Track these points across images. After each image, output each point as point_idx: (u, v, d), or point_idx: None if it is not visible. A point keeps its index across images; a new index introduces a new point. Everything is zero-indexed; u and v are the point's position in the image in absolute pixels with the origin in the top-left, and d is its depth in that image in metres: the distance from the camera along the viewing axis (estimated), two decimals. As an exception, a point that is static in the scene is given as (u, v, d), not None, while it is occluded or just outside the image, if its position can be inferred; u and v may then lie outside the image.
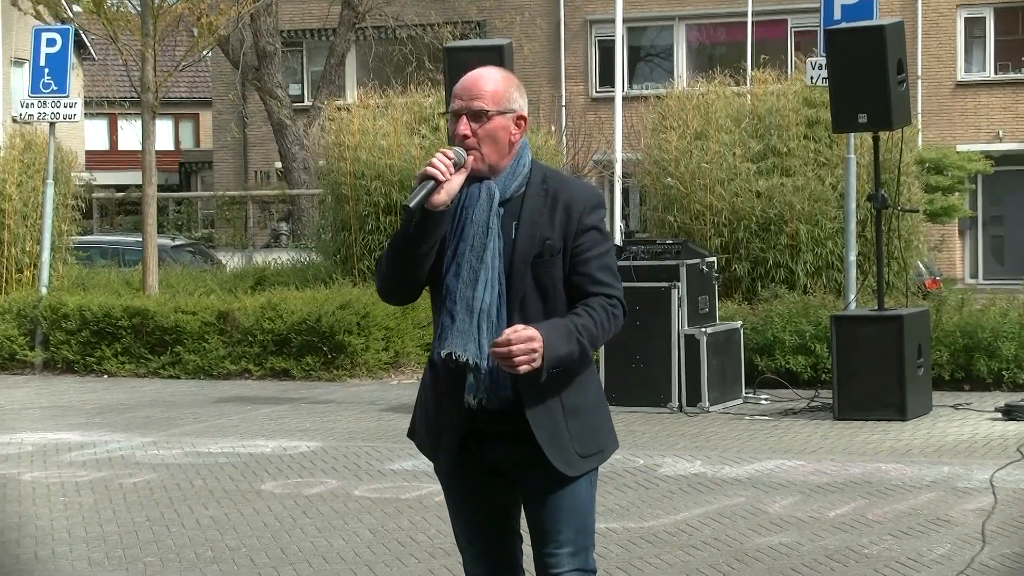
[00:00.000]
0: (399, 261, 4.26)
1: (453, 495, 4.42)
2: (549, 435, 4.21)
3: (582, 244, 4.23)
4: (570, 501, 4.28)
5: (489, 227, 4.21)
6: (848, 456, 10.10)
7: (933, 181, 27.01)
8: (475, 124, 4.23)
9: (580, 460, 4.26)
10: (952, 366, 13.16)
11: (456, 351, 4.19)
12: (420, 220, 4.19)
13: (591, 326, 4.19)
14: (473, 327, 4.19)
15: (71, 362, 16.00)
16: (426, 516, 8.31)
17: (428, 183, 4.17)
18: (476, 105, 4.23)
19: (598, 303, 4.22)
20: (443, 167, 4.17)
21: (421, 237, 4.20)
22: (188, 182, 47.09)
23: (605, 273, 4.25)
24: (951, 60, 33.14)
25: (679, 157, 16.49)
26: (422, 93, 19.21)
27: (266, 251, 28.53)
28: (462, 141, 4.24)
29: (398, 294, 4.35)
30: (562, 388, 4.23)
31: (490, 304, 4.19)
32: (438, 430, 4.33)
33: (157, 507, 8.76)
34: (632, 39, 34.87)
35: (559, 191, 4.26)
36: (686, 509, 8.42)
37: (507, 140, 4.26)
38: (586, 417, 4.29)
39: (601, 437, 4.34)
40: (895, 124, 11.71)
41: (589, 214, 4.25)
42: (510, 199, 4.26)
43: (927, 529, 7.82)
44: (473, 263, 4.20)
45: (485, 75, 4.28)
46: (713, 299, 12.70)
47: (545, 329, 4.11)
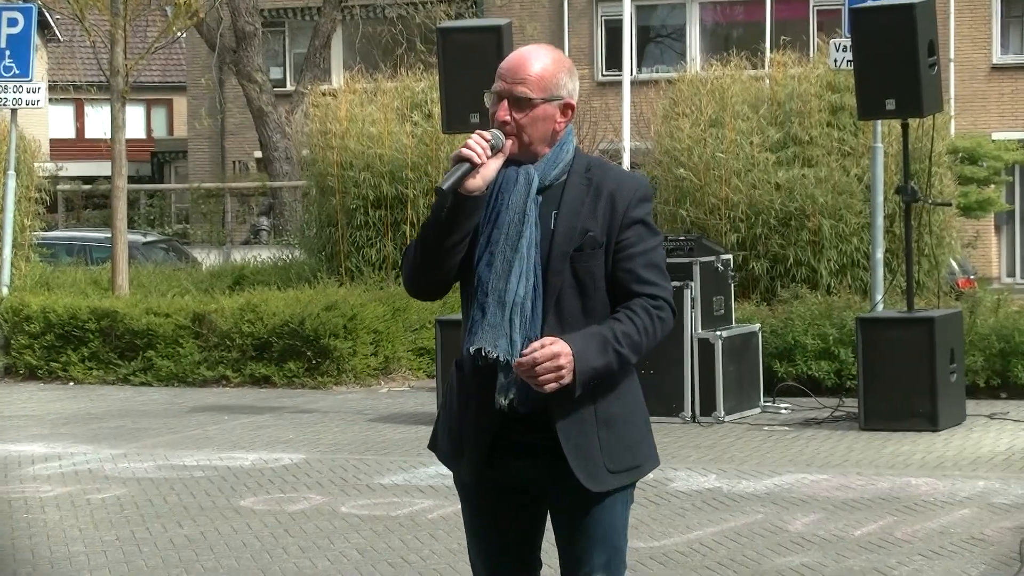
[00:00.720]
0: (428, 250, 4.21)
1: (472, 511, 4.38)
2: (577, 446, 4.17)
3: (627, 239, 4.19)
4: (602, 523, 4.23)
5: (526, 214, 4.17)
6: (875, 470, 10.10)
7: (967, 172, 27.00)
8: (516, 111, 4.19)
9: (609, 475, 4.20)
10: (988, 372, 13.17)
11: (486, 347, 4.16)
12: (453, 206, 4.15)
13: (632, 332, 4.15)
14: (505, 321, 4.15)
15: (34, 368, 16.00)
16: (419, 535, 8.30)
17: (463, 165, 4.13)
18: (519, 91, 4.18)
19: (641, 305, 4.17)
20: (479, 149, 4.13)
21: (453, 225, 4.16)
22: (161, 173, 47.12)
23: (651, 271, 4.21)
24: (986, 41, 33.14)
25: (692, 146, 16.49)
26: (414, 77, 19.22)
27: (245, 248, 28.55)
28: (501, 127, 4.21)
29: (427, 287, 4.31)
30: (597, 396, 4.18)
31: (524, 297, 4.15)
32: (461, 436, 4.28)
33: (128, 525, 8.75)
34: (641, 18, 34.88)
35: (604, 181, 4.22)
36: (700, 527, 8.42)
37: (551, 129, 4.23)
38: (621, 429, 4.24)
39: (638, 452, 4.29)
40: (926, 110, 11.71)
41: (636, 207, 4.21)
42: (550, 187, 4.22)
43: (960, 549, 7.81)
44: (507, 252, 4.16)
45: (533, 56, 4.22)
46: (729, 300, 12.70)
47: (577, 341, 4.07)
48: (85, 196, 36.29)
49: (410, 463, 10.45)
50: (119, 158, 17.52)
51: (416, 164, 17.81)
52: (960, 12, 33.02)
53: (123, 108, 17.65)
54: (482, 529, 4.38)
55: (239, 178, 37.12)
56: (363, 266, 17.83)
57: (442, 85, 12.24)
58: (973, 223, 29.17)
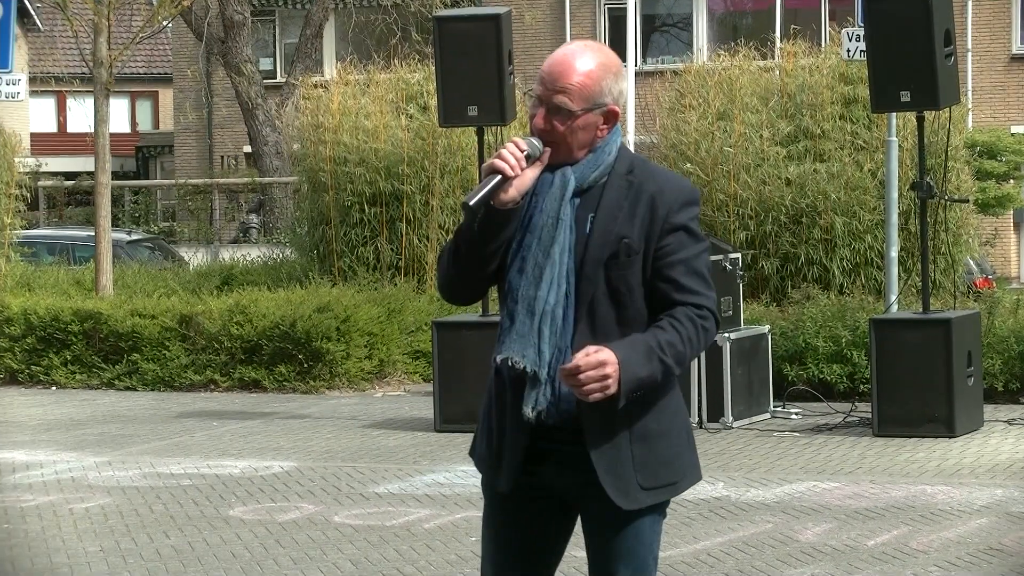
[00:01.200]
0: (463, 260, 4.20)
1: (497, 517, 4.36)
2: (608, 461, 4.15)
3: (667, 245, 4.15)
4: (630, 540, 4.23)
5: (560, 218, 4.14)
6: (889, 477, 10.11)
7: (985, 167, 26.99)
8: (557, 120, 4.15)
9: (642, 492, 4.18)
10: (1006, 376, 13.18)
11: (513, 356, 4.15)
12: (485, 218, 4.12)
13: (677, 342, 4.11)
14: (533, 331, 4.14)
15: (15, 372, 16.00)
16: (415, 545, 8.32)
17: (494, 177, 4.10)
18: (559, 100, 4.13)
19: (685, 314, 4.13)
20: (513, 161, 4.10)
21: (486, 237, 4.15)
22: (146, 169, 47.12)
23: (694, 279, 4.16)
24: (1005, 31, 33.14)
25: (699, 140, 16.51)
26: (409, 68, 19.23)
27: (234, 247, 28.57)
28: (539, 134, 4.17)
29: (463, 293, 4.33)
30: (632, 410, 4.15)
31: (554, 305, 4.13)
32: (501, 444, 4.27)
33: (113, 535, 8.76)
34: (646, 7, 34.86)
35: (645, 183, 4.18)
36: (707, 537, 8.44)
37: (592, 136, 4.19)
38: (658, 444, 4.21)
39: (674, 468, 4.25)
40: (942, 103, 11.72)
41: (678, 211, 4.16)
42: (588, 190, 4.19)
43: (978, 559, 7.83)
44: (539, 258, 4.15)
45: (577, 60, 4.15)
46: (737, 300, 12.71)
47: (622, 349, 4.05)
48: (67, 193, 36.31)
49: (406, 471, 10.46)
50: (102, 153, 17.53)
51: (412, 159, 17.82)
52: (978, 0, 33.01)
53: (107, 101, 17.66)
54: (503, 535, 4.35)
55: (227, 174, 37.12)
56: (357, 266, 17.84)
57: (439, 76, 12.25)
58: (991, 220, 29.17)
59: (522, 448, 4.23)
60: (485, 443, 4.35)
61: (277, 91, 31.77)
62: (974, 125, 28.93)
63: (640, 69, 26.43)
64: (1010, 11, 33.15)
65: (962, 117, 18.20)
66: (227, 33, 29.80)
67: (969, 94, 30.00)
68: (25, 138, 26.08)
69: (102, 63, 17.42)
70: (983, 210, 25.15)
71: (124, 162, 46.00)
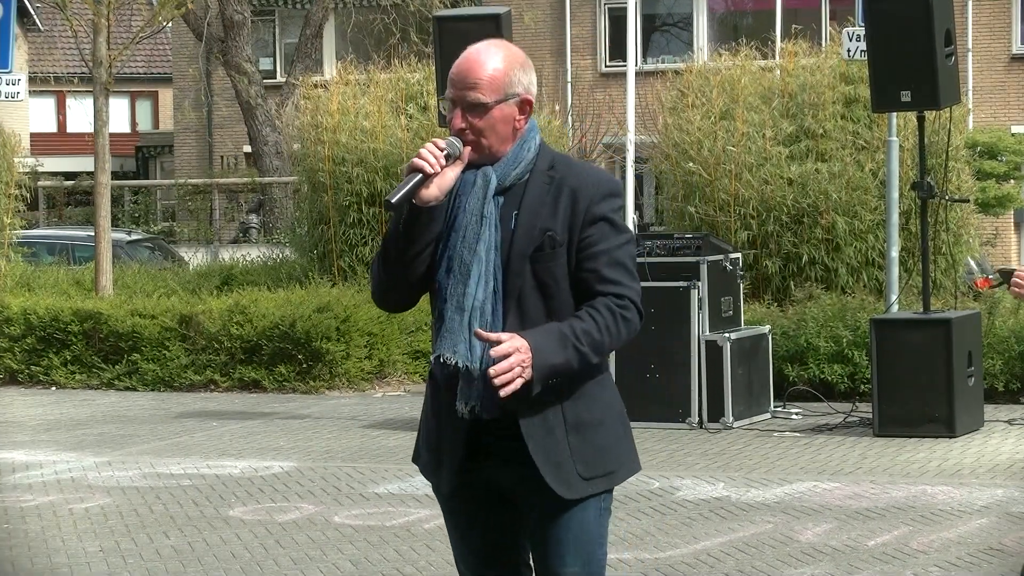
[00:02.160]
0: (390, 262, 4.29)
1: (454, 519, 4.45)
2: (546, 452, 4.23)
3: (589, 236, 4.24)
4: (576, 530, 4.28)
5: (483, 216, 4.23)
6: (890, 478, 10.11)
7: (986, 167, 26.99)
8: (473, 116, 4.24)
9: (582, 482, 4.25)
10: (1007, 376, 13.18)
11: (445, 353, 4.23)
12: (409, 217, 4.22)
13: (593, 331, 4.19)
14: (464, 326, 4.22)
15: (15, 372, 16.00)
16: (414, 545, 8.32)
17: (415, 176, 4.20)
18: (472, 97, 4.23)
19: (604, 304, 4.22)
20: (432, 159, 4.20)
21: (411, 236, 4.24)
22: (146, 168, 47.14)
23: (615, 270, 4.25)
24: (1005, 30, 33.14)
25: (702, 139, 16.50)
26: (408, 68, 19.23)
27: (234, 247, 28.59)
28: (458, 134, 4.26)
29: (392, 298, 4.40)
30: (564, 400, 4.24)
31: (483, 301, 4.22)
32: (439, 446, 4.36)
33: (112, 535, 8.77)
34: (646, 6, 34.85)
35: (566, 177, 4.27)
36: (707, 537, 8.44)
37: (510, 129, 4.28)
38: (592, 434, 4.29)
39: (611, 457, 4.33)
40: (943, 102, 11.72)
41: (599, 202, 4.25)
42: (511, 187, 4.28)
43: (978, 560, 7.83)
44: (465, 256, 4.23)
45: (482, 57, 4.26)
46: (738, 300, 12.72)
47: (535, 336, 4.13)
48: (67, 193, 36.31)
49: (405, 471, 10.47)
50: (102, 153, 17.54)
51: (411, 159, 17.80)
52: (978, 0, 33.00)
53: (106, 101, 17.66)
54: (466, 538, 4.44)
55: (227, 174, 37.13)
56: (356, 265, 17.85)
57: (438, 76, 12.26)
58: (992, 220, 29.15)
59: (461, 446, 4.29)
60: (425, 445, 4.44)
61: (277, 91, 31.77)
62: (974, 125, 28.93)
63: (640, 68, 26.42)
64: (1010, 11, 33.14)
65: (962, 117, 18.20)
66: (227, 33, 29.80)
67: (969, 94, 29.99)
68: (25, 138, 26.09)
69: (102, 63, 17.43)
70: (983, 210, 25.14)
71: (124, 162, 46.01)
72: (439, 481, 4.40)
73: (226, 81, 32.35)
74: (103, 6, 17.42)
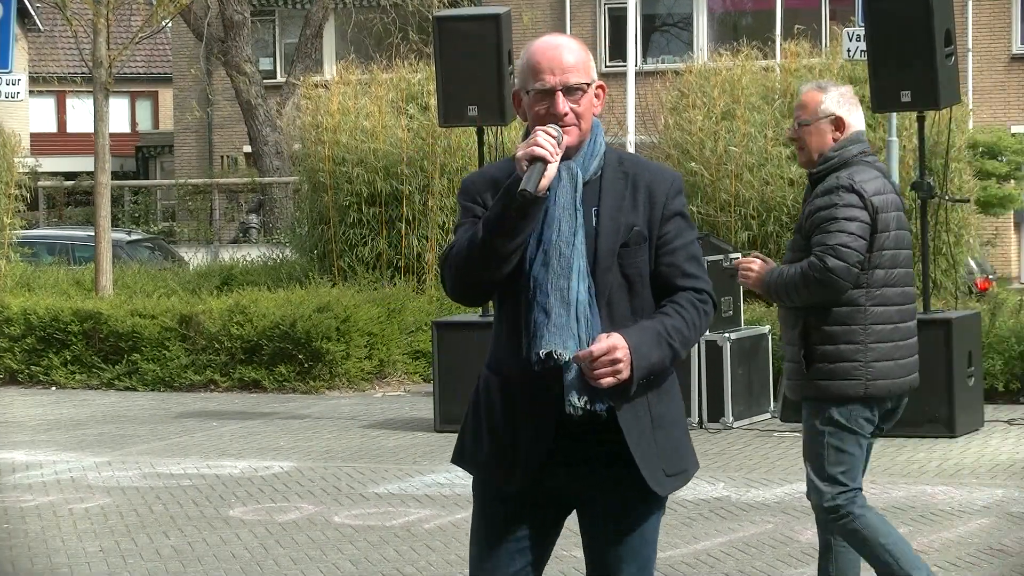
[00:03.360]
0: (489, 255, 4.20)
1: (491, 514, 4.37)
2: (644, 449, 4.23)
3: (668, 232, 4.27)
4: (636, 533, 4.29)
5: (577, 209, 4.22)
6: (889, 478, 10.11)
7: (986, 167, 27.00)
8: (572, 100, 4.25)
9: (667, 479, 4.28)
10: (1007, 376, 13.18)
11: (557, 348, 4.19)
12: (521, 207, 4.15)
13: (683, 327, 4.21)
14: (572, 321, 4.20)
15: (14, 372, 16.00)
16: (415, 545, 8.32)
17: (538, 164, 4.16)
18: (574, 80, 4.24)
19: (687, 299, 4.24)
20: (550, 147, 4.16)
21: (521, 226, 4.18)
22: (146, 169, 47.14)
23: (693, 264, 4.29)
24: (1005, 30, 33.14)
25: (704, 140, 16.51)
26: (409, 68, 19.23)
27: (234, 247, 28.58)
28: (559, 121, 4.23)
29: (477, 292, 4.36)
30: (650, 396, 4.25)
31: (585, 294, 4.21)
32: (514, 443, 4.28)
33: (112, 535, 8.77)
34: (646, 6, 34.87)
35: (639, 173, 4.29)
36: (707, 537, 8.44)
37: (592, 115, 4.31)
38: (672, 431, 4.31)
39: (686, 455, 4.36)
40: (943, 103, 11.72)
41: (674, 198, 4.29)
42: (587, 182, 4.28)
43: (978, 560, 7.83)
44: (563, 250, 4.21)
45: (564, 44, 4.28)
46: (738, 300, 12.72)
47: (633, 334, 4.14)
48: (67, 193, 36.31)
49: (405, 471, 10.47)
50: (102, 153, 17.54)
51: (412, 159, 17.82)
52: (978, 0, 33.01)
53: (106, 101, 17.66)
54: (496, 534, 4.36)
55: (227, 174, 37.13)
56: (357, 265, 17.84)
57: (439, 76, 12.26)
58: (992, 220, 29.18)
59: (543, 448, 4.25)
60: (491, 444, 4.34)
61: (277, 91, 31.76)
62: (975, 125, 28.91)
63: (640, 68, 26.43)
64: (1010, 11, 33.14)
65: (963, 117, 18.16)
66: (227, 33, 29.80)
67: (970, 94, 29.98)
68: (25, 138, 26.10)
69: (102, 63, 17.43)
70: (984, 210, 25.16)
71: (124, 162, 46.01)
72: (509, 480, 4.30)
73: (226, 81, 32.34)
74: (103, 6, 17.42)
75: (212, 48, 30.67)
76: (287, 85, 30.16)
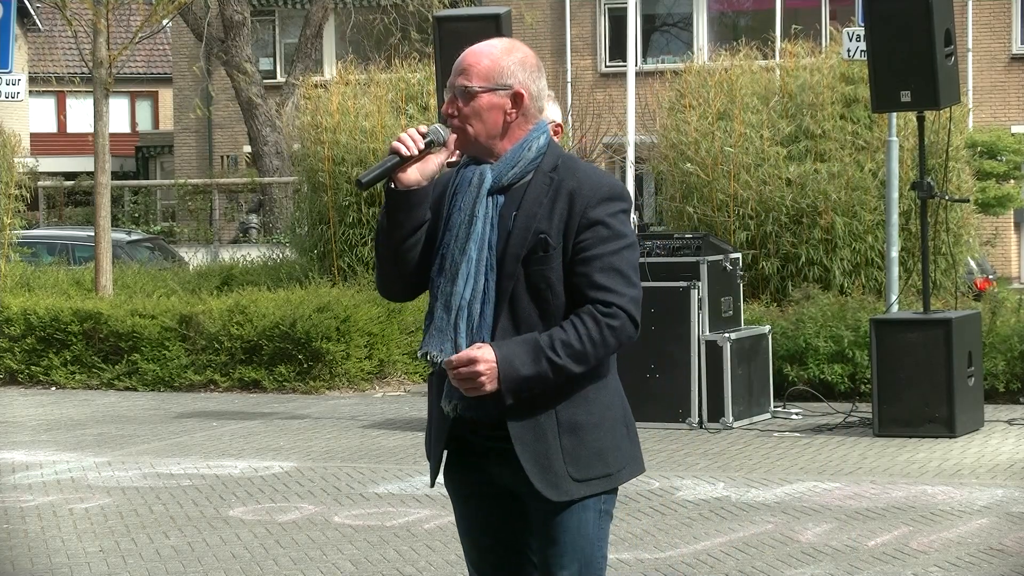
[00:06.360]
0: (380, 249, 4.34)
1: (458, 514, 4.47)
2: (534, 453, 4.22)
3: (584, 241, 4.21)
4: (573, 531, 4.27)
5: (474, 215, 4.24)
6: (890, 478, 10.11)
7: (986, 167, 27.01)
8: (461, 102, 4.28)
9: (573, 484, 4.23)
10: (1007, 376, 13.18)
11: (432, 351, 4.26)
12: (390, 201, 4.25)
13: (574, 341, 4.16)
14: (450, 325, 4.23)
15: (14, 372, 16.00)
16: (415, 546, 8.32)
17: (391, 158, 4.25)
18: (459, 82, 4.28)
19: (588, 312, 4.18)
20: (410, 142, 4.23)
21: (395, 220, 4.26)
22: (146, 169, 47.14)
23: (608, 276, 4.20)
24: (1005, 31, 33.15)
25: (699, 140, 16.50)
26: (408, 68, 19.24)
27: (234, 247, 28.58)
28: (446, 120, 4.30)
29: (389, 286, 4.42)
30: (559, 402, 4.23)
31: (470, 300, 4.22)
32: (429, 440, 4.42)
33: (112, 536, 8.77)
34: (646, 6, 34.88)
35: (566, 180, 4.25)
36: (707, 537, 8.44)
37: (500, 120, 4.28)
38: (588, 435, 4.26)
39: (610, 459, 4.29)
40: (942, 103, 11.72)
41: (596, 206, 4.22)
42: (510, 187, 4.27)
43: (978, 560, 7.83)
44: (455, 254, 4.25)
45: (481, 49, 4.31)
46: (737, 300, 12.71)
47: (505, 348, 4.14)
48: (67, 193, 36.31)
49: (405, 471, 10.47)
50: (102, 153, 17.53)
51: (390, 142, 17.80)
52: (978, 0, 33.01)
53: (106, 100, 17.66)
54: (470, 533, 4.45)
55: (227, 174, 37.14)
56: (356, 265, 17.84)
57: (438, 76, 12.25)
58: (992, 220, 29.19)
59: (443, 442, 4.32)
60: (427, 438, 4.47)
61: (277, 91, 31.77)
62: (974, 125, 28.93)
63: (640, 68, 26.43)
64: (1010, 11, 33.15)
65: (962, 117, 18.17)
66: (227, 33, 29.80)
67: (969, 94, 29.99)
68: (25, 138, 26.09)
69: (101, 63, 17.42)
70: (983, 210, 25.17)
71: (124, 162, 46.01)
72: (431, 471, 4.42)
73: (226, 81, 32.35)
74: (103, 6, 17.42)
75: (212, 48, 30.67)
76: (287, 85, 30.16)
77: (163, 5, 18.91)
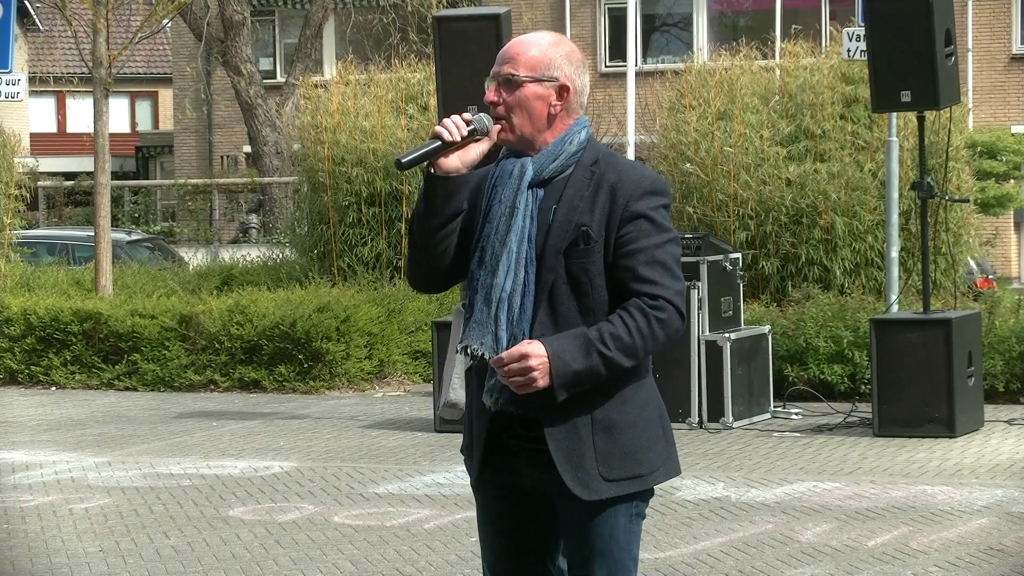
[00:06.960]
0: (413, 235, 4.30)
1: (481, 514, 4.42)
2: (566, 450, 4.18)
3: (627, 234, 4.19)
4: (602, 534, 4.23)
5: (515, 207, 4.21)
6: (889, 478, 10.11)
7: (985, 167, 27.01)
8: (505, 92, 4.26)
9: (604, 484, 4.19)
10: (1007, 376, 13.18)
11: (472, 344, 4.22)
12: (428, 187, 4.23)
13: (623, 335, 4.13)
14: (490, 318, 4.20)
15: (14, 372, 16.00)
16: (415, 546, 8.32)
17: (433, 142, 4.22)
18: (505, 71, 4.26)
19: (636, 305, 4.16)
20: (454, 128, 4.22)
21: (432, 207, 4.23)
22: (146, 169, 47.14)
23: (652, 269, 4.18)
24: (1005, 31, 33.15)
25: (699, 140, 16.51)
26: (408, 68, 19.24)
27: (234, 247, 28.59)
28: (492, 109, 4.27)
29: (421, 276, 4.38)
30: (595, 401, 4.19)
31: (511, 293, 4.18)
32: (470, 433, 4.36)
33: (112, 535, 8.77)
34: (646, 6, 34.88)
35: (607, 173, 4.24)
36: (707, 537, 8.44)
37: (544, 112, 4.26)
38: (622, 435, 4.22)
39: (642, 460, 4.24)
40: (943, 103, 11.72)
41: (638, 200, 4.20)
42: (551, 180, 4.26)
43: (978, 560, 7.83)
44: (495, 247, 4.21)
45: (529, 40, 4.30)
46: (737, 301, 12.72)
47: (555, 343, 4.10)
48: (67, 193, 36.30)
49: (406, 471, 10.47)
50: (102, 153, 17.53)
51: (436, 125, 17.77)
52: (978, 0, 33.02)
53: (106, 100, 17.66)
54: (489, 534, 4.40)
55: (227, 174, 37.13)
56: (356, 265, 17.85)
57: (438, 76, 12.24)
58: (992, 220, 29.17)
59: (482, 441, 4.28)
60: (465, 435, 4.42)
61: (277, 91, 31.77)
62: (974, 125, 28.94)
63: (640, 68, 26.43)
64: (1010, 11, 33.15)
65: (962, 117, 18.17)
66: (227, 33, 29.80)
67: (969, 94, 29.98)
68: (25, 138, 26.09)
69: (101, 63, 17.42)
70: (983, 210, 25.17)
71: (124, 162, 46.01)
72: (471, 468, 4.36)
73: (226, 81, 32.36)
74: (103, 6, 17.42)
75: (212, 48, 30.67)
76: (287, 85, 30.16)
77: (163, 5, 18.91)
